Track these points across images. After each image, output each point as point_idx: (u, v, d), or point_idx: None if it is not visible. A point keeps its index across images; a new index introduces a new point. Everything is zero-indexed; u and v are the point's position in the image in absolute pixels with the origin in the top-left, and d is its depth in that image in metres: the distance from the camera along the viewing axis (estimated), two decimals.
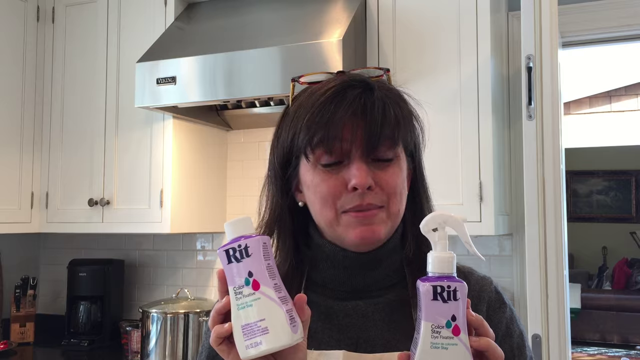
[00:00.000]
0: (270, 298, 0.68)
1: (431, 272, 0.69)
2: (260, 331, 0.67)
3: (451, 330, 0.67)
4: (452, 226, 0.71)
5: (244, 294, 0.68)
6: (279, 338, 0.67)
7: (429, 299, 0.68)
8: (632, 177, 7.54)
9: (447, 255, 0.70)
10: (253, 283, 0.68)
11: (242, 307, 0.68)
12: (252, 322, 0.67)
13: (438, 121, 2.04)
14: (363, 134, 0.80)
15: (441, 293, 0.67)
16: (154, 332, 2.26)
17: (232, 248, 0.69)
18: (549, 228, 1.69)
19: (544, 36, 1.72)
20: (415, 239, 0.86)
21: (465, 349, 0.68)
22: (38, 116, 2.63)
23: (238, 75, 2.08)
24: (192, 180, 2.50)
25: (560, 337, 1.68)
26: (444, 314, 0.67)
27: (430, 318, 0.68)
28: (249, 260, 0.69)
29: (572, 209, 7.57)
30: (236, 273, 0.69)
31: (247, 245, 0.69)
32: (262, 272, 0.69)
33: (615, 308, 6.06)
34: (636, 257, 6.97)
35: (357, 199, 0.80)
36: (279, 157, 0.87)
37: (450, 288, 0.68)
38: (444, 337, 0.67)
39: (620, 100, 7.38)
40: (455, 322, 0.67)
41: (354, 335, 0.84)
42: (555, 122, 1.72)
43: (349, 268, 0.85)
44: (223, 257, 0.70)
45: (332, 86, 0.83)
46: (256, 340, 0.67)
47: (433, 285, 0.68)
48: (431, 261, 0.70)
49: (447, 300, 0.67)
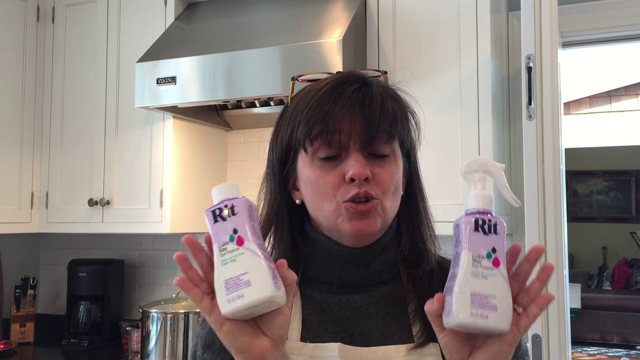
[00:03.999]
0: (253, 253, 0.68)
1: (471, 208, 0.71)
2: (242, 284, 0.67)
3: (491, 261, 0.68)
4: (492, 170, 0.73)
5: (227, 250, 0.68)
6: (260, 291, 0.66)
7: (471, 230, 0.69)
8: (632, 177, 7.54)
9: (487, 194, 0.72)
10: (237, 239, 0.69)
11: (225, 262, 0.68)
12: (234, 275, 0.67)
13: (438, 121, 2.04)
14: (361, 127, 0.80)
15: (482, 225, 0.69)
16: (154, 332, 2.26)
17: (218, 208, 0.70)
18: (549, 228, 1.69)
19: (544, 36, 1.72)
20: (410, 237, 0.87)
21: (504, 281, 0.68)
22: (38, 116, 2.63)
23: (238, 75, 2.08)
24: (192, 180, 2.50)
25: (560, 337, 1.68)
26: (485, 245, 0.68)
27: (472, 248, 0.68)
28: (235, 218, 0.69)
29: (572, 209, 7.57)
30: (222, 231, 0.69)
31: (233, 205, 0.70)
32: (247, 229, 0.69)
33: (615, 308, 6.06)
34: (636, 257, 6.97)
35: (355, 188, 0.80)
36: (277, 154, 0.88)
37: (492, 222, 0.69)
38: (484, 266, 0.68)
39: (620, 100, 7.38)
40: (495, 255, 0.68)
41: (349, 328, 0.85)
42: (555, 122, 1.72)
43: (344, 262, 0.86)
44: (209, 218, 0.70)
45: (330, 81, 0.84)
46: (238, 294, 0.67)
47: (475, 217, 0.70)
48: (472, 198, 0.71)
49: (487, 233, 0.69)
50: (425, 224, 0.89)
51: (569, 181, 7.56)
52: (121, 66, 2.50)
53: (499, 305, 0.66)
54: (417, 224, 0.89)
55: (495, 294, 0.67)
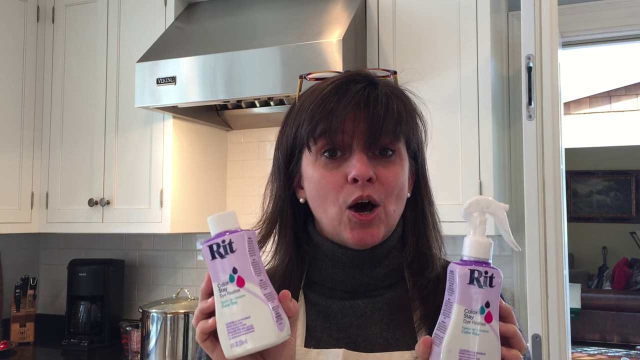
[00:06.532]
0: (255, 295, 0.66)
1: (467, 256, 0.68)
2: (245, 329, 0.65)
3: (484, 317, 0.66)
4: (494, 212, 0.70)
5: (228, 291, 0.66)
6: (264, 336, 0.66)
7: (465, 282, 0.67)
8: (632, 177, 7.54)
9: (486, 241, 0.69)
10: (238, 280, 0.66)
11: (226, 304, 0.66)
12: (236, 320, 0.66)
13: (438, 121, 2.04)
14: (365, 126, 0.79)
15: (478, 278, 0.67)
16: (154, 332, 2.26)
17: (215, 243, 0.67)
18: (549, 228, 1.69)
19: (544, 36, 1.72)
20: (415, 241, 0.86)
21: (495, 337, 0.67)
22: (38, 116, 2.63)
23: (238, 75, 2.08)
24: (192, 180, 2.50)
25: (560, 337, 1.67)
26: (478, 299, 0.66)
27: (464, 302, 0.66)
28: (233, 256, 0.67)
29: (572, 209, 7.57)
30: (220, 269, 0.67)
31: (232, 240, 0.67)
32: (247, 268, 0.67)
33: (615, 308, 6.06)
34: (636, 257, 6.97)
35: (358, 191, 0.79)
36: (283, 152, 0.87)
37: (488, 274, 0.67)
38: (475, 322, 0.66)
39: (620, 100, 7.38)
40: (489, 309, 0.67)
41: (352, 334, 0.84)
42: (555, 122, 1.72)
43: (348, 266, 0.85)
44: (207, 253, 0.68)
45: (335, 80, 0.83)
46: (241, 339, 0.65)
47: (471, 269, 0.67)
48: (469, 245, 0.69)
49: (482, 286, 0.66)
50: (431, 227, 0.88)
51: (569, 181, 7.56)
52: (121, 66, 2.50)
53: None
54: (423, 227, 0.87)
55: (485, 351, 0.66)
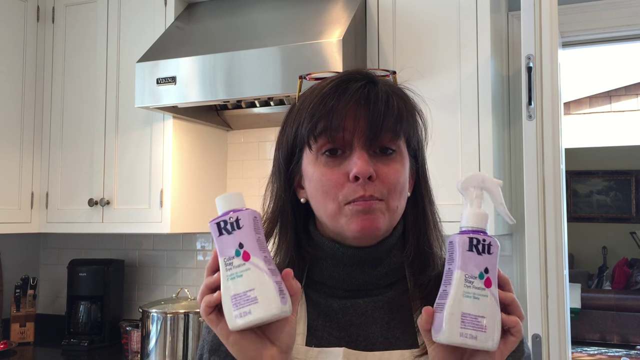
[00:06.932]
0: (260, 269, 0.69)
1: (466, 226, 0.71)
2: (249, 301, 0.68)
3: (483, 282, 0.69)
4: (489, 186, 0.74)
5: (234, 265, 0.69)
6: (268, 308, 0.68)
7: (465, 249, 0.69)
8: (632, 177, 7.54)
9: (482, 212, 0.72)
10: (243, 254, 0.69)
11: (232, 277, 0.69)
12: (241, 292, 0.68)
13: (438, 121, 2.03)
14: (365, 124, 0.79)
15: (477, 245, 0.70)
16: (154, 332, 2.26)
17: (223, 220, 0.70)
18: (549, 228, 1.69)
19: (544, 36, 1.72)
20: (416, 240, 0.86)
21: (494, 302, 0.69)
22: (38, 116, 2.63)
23: (238, 75, 2.08)
24: (192, 180, 2.50)
25: (560, 337, 1.67)
26: (478, 265, 0.69)
27: (464, 268, 0.69)
28: (240, 232, 0.70)
29: (572, 209, 7.57)
30: (227, 244, 0.70)
31: (239, 217, 0.70)
32: (253, 243, 0.69)
33: (615, 308, 6.06)
34: (636, 257, 6.97)
35: (359, 189, 0.79)
36: (283, 151, 0.87)
37: (486, 242, 0.70)
38: (476, 287, 0.69)
39: (620, 100, 7.38)
40: (488, 275, 0.69)
41: (353, 333, 0.84)
42: (555, 122, 1.72)
43: (349, 265, 0.85)
44: (214, 229, 0.71)
45: (335, 79, 0.83)
46: (245, 310, 0.68)
47: (470, 236, 0.70)
48: (467, 216, 0.72)
49: (481, 253, 0.69)
50: (432, 226, 0.88)
51: (569, 181, 7.56)
52: (121, 66, 2.50)
53: (488, 326, 0.68)
54: (424, 226, 0.87)
55: (485, 314, 0.68)
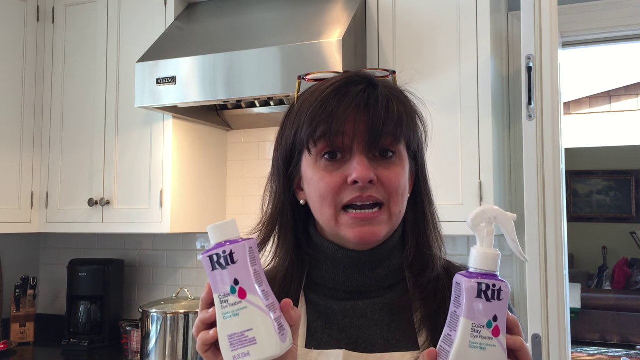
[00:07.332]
0: (257, 307, 0.66)
1: (474, 267, 0.67)
2: (247, 342, 0.65)
3: (491, 331, 0.65)
4: (502, 222, 0.68)
5: (229, 303, 0.66)
6: (266, 349, 0.65)
7: (473, 296, 0.65)
8: (632, 177, 7.54)
9: (493, 252, 0.67)
10: (239, 291, 0.65)
11: (228, 316, 0.66)
12: (238, 332, 0.65)
13: (438, 121, 2.02)
14: (365, 128, 0.79)
15: (486, 291, 0.65)
16: (154, 332, 2.26)
17: (216, 254, 0.66)
18: (549, 228, 1.69)
19: (544, 36, 1.72)
20: (416, 242, 0.86)
21: (502, 352, 0.66)
22: (38, 116, 2.63)
23: (238, 75, 2.08)
24: (192, 180, 2.50)
25: (560, 337, 1.67)
26: (486, 313, 0.65)
27: (471, 316, 0.65)
28: (235, 267, 0.66)
29: (572, 209, 7.57)
30: (221, 281, 0.66)
31: (232, 251, 0.66)
32: (249, 279, 0.66)
33: (615, 308, 6.06)
34: (636, 257, 6.97)
35: (357, 191, 0.79)
36: (282, 153, 0.86)
37: (496, 287, 0.65)
38: (483, 337, 0.65)
39: (620, 100, 7.38)
40: (497, 323, 0.65)
41: (353, 335, 0.84)
42: (555, 122, 1.72)
43: (349, 267, 0.85)
44: (207, 264, 0.67)
45: (335, 81, 0.83)
46: (243, 351, 0.65)
47: (478, 282, 0.65)
48: (476, 256, 0.67)
49: (490, 299, 0.65)
50: (431, 227, 0.88)
51: (569, 181, 7.56)
52: (121, 66, 2.50)
53: None
54: (424, 228, 0.87)
55: None
